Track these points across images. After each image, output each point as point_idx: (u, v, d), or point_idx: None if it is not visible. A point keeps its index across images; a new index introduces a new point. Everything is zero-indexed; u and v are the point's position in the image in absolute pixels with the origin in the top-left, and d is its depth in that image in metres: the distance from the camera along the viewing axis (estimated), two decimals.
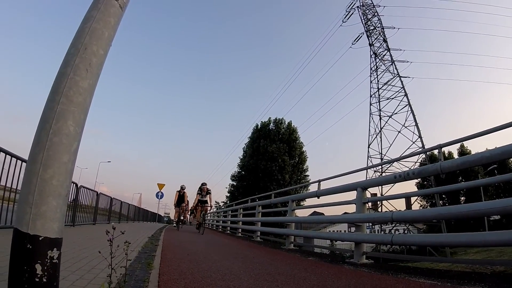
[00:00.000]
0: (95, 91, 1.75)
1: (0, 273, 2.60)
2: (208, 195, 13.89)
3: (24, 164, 5.69)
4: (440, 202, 35.27)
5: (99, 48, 1.75)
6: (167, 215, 54.90)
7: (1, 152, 5.35)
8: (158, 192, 29.53)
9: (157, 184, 29.67)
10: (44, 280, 1.44)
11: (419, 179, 36.66)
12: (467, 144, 39.67)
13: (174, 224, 17.57)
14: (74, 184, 9.78)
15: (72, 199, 9.54)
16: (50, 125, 1.54)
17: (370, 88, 40.87)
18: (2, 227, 5.46)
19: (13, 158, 5.61)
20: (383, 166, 33.95)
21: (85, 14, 1.81)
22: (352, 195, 6.04)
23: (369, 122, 40.12)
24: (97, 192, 13.03)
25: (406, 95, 36.68)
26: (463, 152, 39.83)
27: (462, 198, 38.77)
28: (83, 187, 10.78)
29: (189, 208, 18.53)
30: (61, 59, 1.70)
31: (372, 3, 40.54)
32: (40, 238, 1.46)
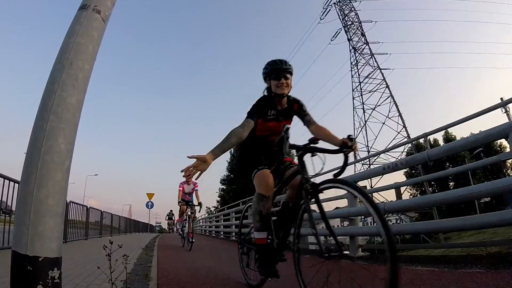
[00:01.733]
0: (83, 106, 1.74)
1: None
2: None
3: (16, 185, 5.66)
4: (430, 189, 35.73)
5: (85, 63, 1.74)
6: (159, 224, 54.59)
7: None
8: (148, 202, 29.26)
9: (147, 194, 29.42)
10: None
11: (407, 168, 37.20)
12: (452, 129, 40.36)
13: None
14: None
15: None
16: (41, 144, 1.53)
17: (352, 82, 41.35)
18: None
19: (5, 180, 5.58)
20: (370, 158, 34.30)
21: (68, 29, 1.80)
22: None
23: (353, 116, 40.59)
24: (87, 207, 12.87)
25: (387, 86, 37.26)
26: (448, 138, 40.41)
27: (451, 183, 39.35)
28: (73, 202, 10.64)
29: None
30: (42, 75, 1.70)
31: None
32: (40, 259, 1.45)
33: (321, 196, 2.48)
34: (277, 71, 2.85)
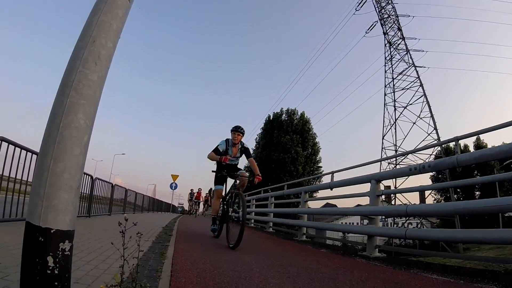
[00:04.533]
0: (105, 84, 1.75)
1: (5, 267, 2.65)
2: None
3: (34, 156, 5.75)
4: (455, 196, 34.75)
5: (108, 41, 1.74)
6: (181, 205, 55.39)
7: (10, 145, 5.34)
8: (172, 183, 29.80)
9: (171, 175, 29.97)
10: (56, 272, 1.45)
11: (433, 172, 36.24)
12: (483, 137, 38.78)
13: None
14: (90, 176, 9.93)
15: (87, 191, 9.67)
16: (60, 119, 1.55)
17: (385, 78, 40.41)
18: (13, 220, 5.53)
19: (22, 150, 5.65)
20: (397, 158, 33.63)
21: (93, 7, 1.81)
22: (365, 187, 5.98)
23: (384, 113, 39.72)
24: (112, 184, 13.19)
25: (421, 85, 36.17)
26: (478, 145, 39.13)
27: (477, 192, 38.07)
28: (98, 179, 10.93)
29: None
30: (69, 54, 1.71)
31: None
32: (52, 231, 1.47)
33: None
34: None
